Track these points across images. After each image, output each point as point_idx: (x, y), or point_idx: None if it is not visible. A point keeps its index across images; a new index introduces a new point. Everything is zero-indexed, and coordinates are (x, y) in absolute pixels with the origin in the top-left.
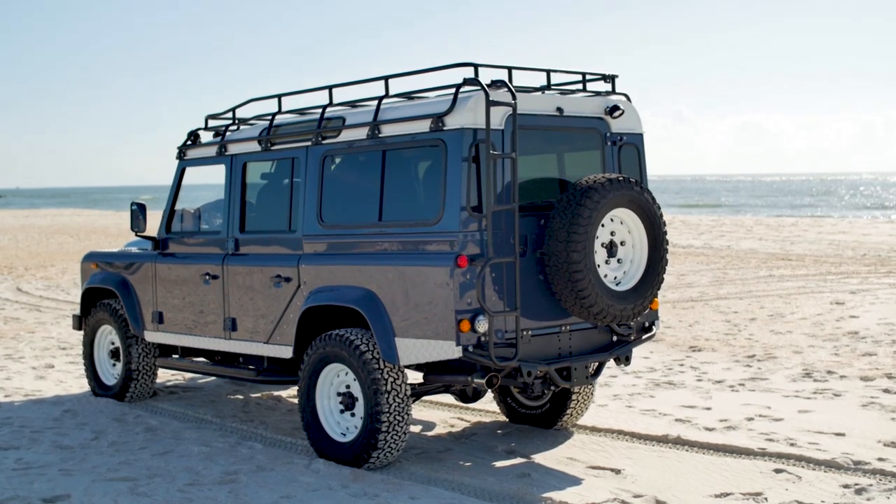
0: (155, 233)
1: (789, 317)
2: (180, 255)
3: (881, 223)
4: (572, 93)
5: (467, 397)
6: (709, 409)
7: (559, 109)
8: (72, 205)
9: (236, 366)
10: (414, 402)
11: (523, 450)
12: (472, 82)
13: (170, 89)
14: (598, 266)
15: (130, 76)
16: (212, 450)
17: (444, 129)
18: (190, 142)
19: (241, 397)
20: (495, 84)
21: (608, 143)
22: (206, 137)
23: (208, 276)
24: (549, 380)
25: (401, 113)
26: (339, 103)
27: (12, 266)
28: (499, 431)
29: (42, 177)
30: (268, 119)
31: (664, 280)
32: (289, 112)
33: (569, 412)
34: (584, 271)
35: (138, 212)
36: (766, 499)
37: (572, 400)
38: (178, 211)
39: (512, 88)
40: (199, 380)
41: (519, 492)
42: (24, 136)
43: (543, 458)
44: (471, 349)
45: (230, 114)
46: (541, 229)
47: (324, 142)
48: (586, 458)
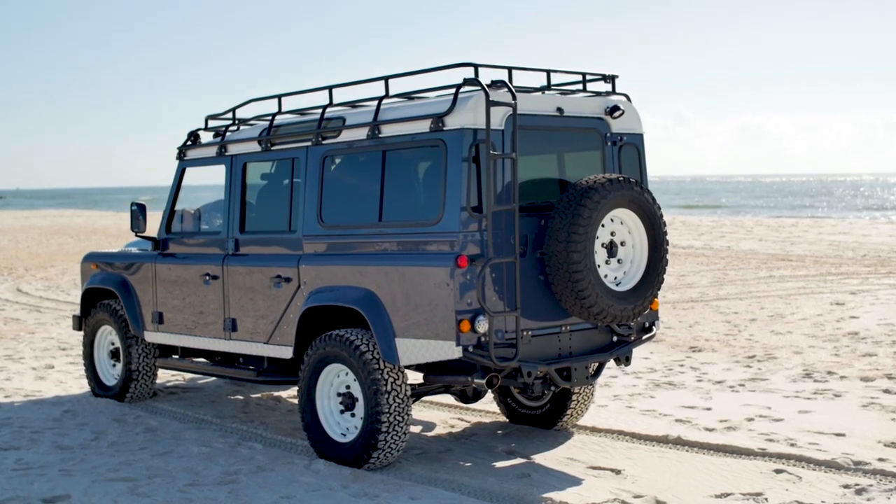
0: (155, 233)
1: (789, 317)
2: (180, 255)
3: (881, 224)
4: (572, 93)
5: (467, 398)
6: (709, 409)
7: (559, 110)
8: (72, 206)
9: (236, 366)
10: (414, 403)
11: (523, 450)
12: (472, 82)
13: (170, 90)
14: (599, 266)
15: (130, 77)
16: (212, 450)
17: (445, 129)
18: (190, 142)
19: (241, 398)
20: (495, 84)
21: (608, 144)
22: (206, 138)
23: (208, 277)
24: (549, 380)
25: (401, 113)
26: (339, 103)
27: (12, 267)
28: (499, 432)
29: (42, 178)
30: (268, 119)
31: (664, 280)
32: (289, 112)
33: (569, 412)
34: (584, 271)
35: (138, 212)
36: (766, 499)
37: (572, 400)
38: (178, 211)
39: (512, 88)
40: (199, 380)
41: (519, 492)
42: (23, 136)
43: (543, 458)
44: (471, 349)
45: (230, 114)
46: (541, 229)
47: (324, 142)
48: (586, 458)
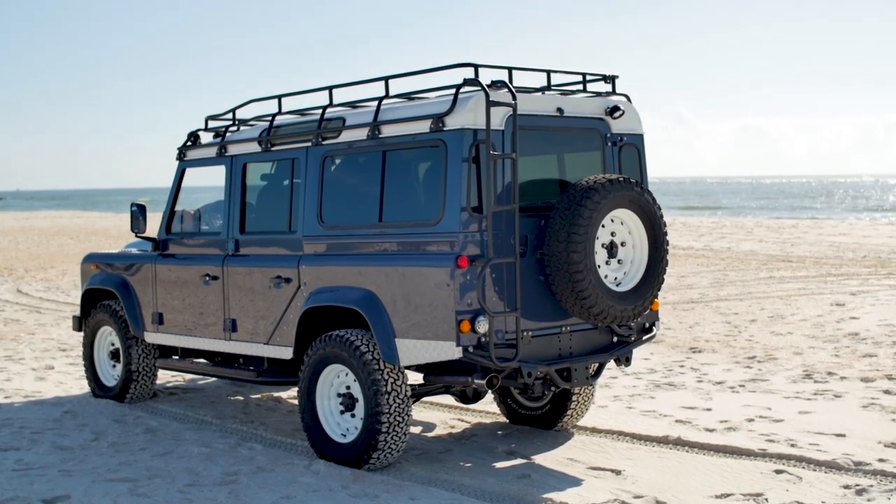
0: (155, 234)
1: (790, 318)
2: (180, 256)
3: (881, 225)
4: (573, 93)
5: (467, 398)
6: (709, 410)
7: (559, 110)
8: (71, 207)
9: (236, 367)
10: (414, 403)
11: (523, 451)
12: (472, 83)
13: (170, 91)
14: (599, 267)
15: (130, 77)
16: (212, 451)
17: (445, 129)
18: (190, 143)
19: (241, 398)
20: (495, 84)
21: (608, 144)
22: (206, 138)
23: (208, 277)
24: (549, 380)
25: (401, 113)
26: (339, 104)
27: (12, 268)
28: (499, 432)
29: (42, 179)
30: (268, 120)
31: (664, 281)
32: (289, 113)
33: (569, 413)
34: (584, 272)
35: (138, 213)
36: (766, 499)
37: (572, 401)
38: (178, 212)
39: (512, 89)
40: (199, 381)
41: (519, 493)
42: (23, 137)
43: (544, 458)
44: (471, 350)
45: (230, 114)
46: (541, 230)
47: (324, 142)
48: (587, 458)
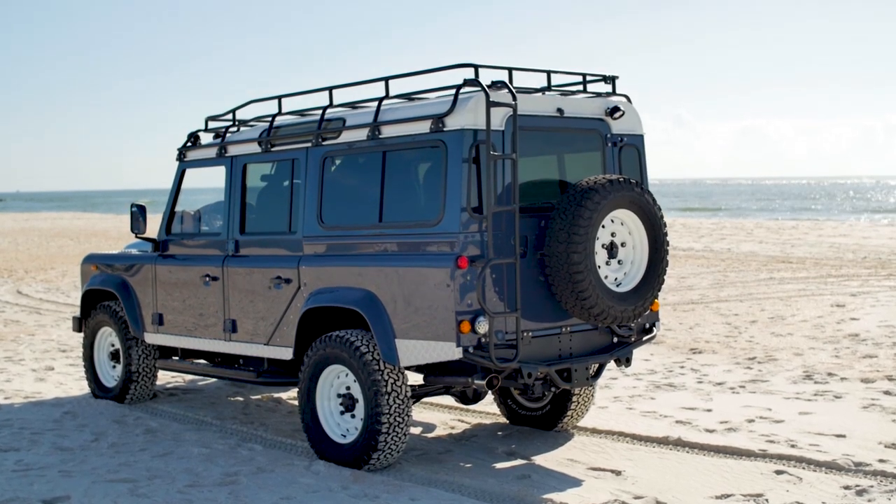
0: (155, 235)
1: (790, 319)
2: (180, 256)
3: (881, 226)
4: (573, 94)
5: (468, 399)
6: (709, 410)
7: (559, 110)
8: (71, 208)
9: (236, 367)
10: (414, 404)
11: (524, 451)
12: (472, 83)
13: (170, 92)
14: (599, 267)
15: (130, 79)
16: (212, 451)
17: (445, 129)
18: (190, 143)
19: (241, 399)
20: (496, 85)
21: (609, 145)
22: (206, 139)
23: (208, 278)
24: (549, 381)
25: (401, 114)
26: (339, 104)
27: (12, 269)
28: (499, 433)
29: (42, 180)
30: (268, 120)
31: (664, 282)
32: (289, 113)
33: (569, 414)
34: (584, 272)
35: (138, 213)
36: (766, 500)
37: (573, 402)
38: (178, 213)
39: (512, 89)
40: (200, 382)
41: (519, 493)
42: (23, 139)
43: (544, 459)
44: (471, 350)
45: (230, 115)
46: (541, 230)
47: (324, 143)
48: (587, 459)
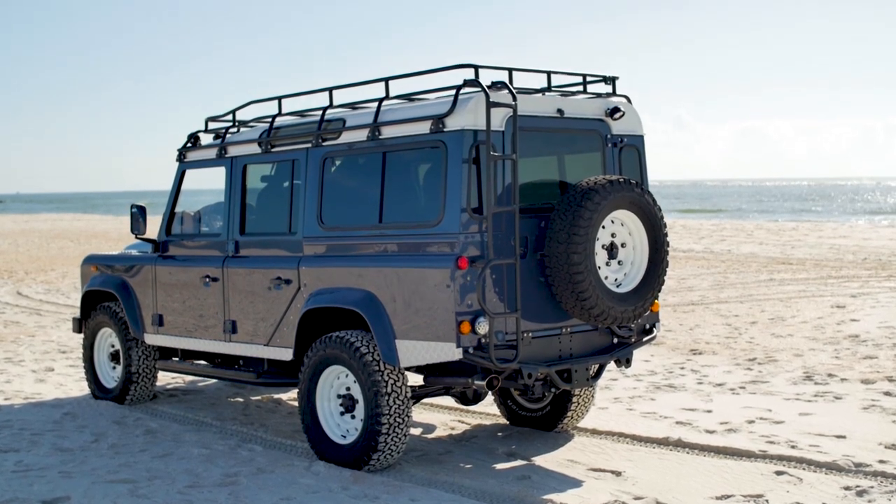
0: (155, 235)
1: (790, 320)
2: (180, 257)
3: (882, 227)
4: (573, 94)
5: (468, 399)
6: (709, 411)
7: (560, 111)
8: (72, 209)
9: (236, 368)
10: (414, 405)
11: (524, 452)
12: (472, 83)
13: (170, 94)
14: (599, 268)
15: (130, 80)
16: (212, 452)
17: (445, 130)
18: (190, 144)
19: (241, 400)
20: (496, 85)
21: (609, 145)
22: (206, 140)
23: (208, 279)
24: (549, 382)
25: (401, 114)
26: (339, 105)
27: (12, 270)
28: (499, 434)
29: (42, 181)
30: (268, 121)
31: (665, 282)
32: (289, 114)
33: (569, 415)
34: (584, 273)
35: (138, 214)
36: (767, 501)
37: (573, 402)
38: (178, 213)
39: (512, 90)
40: (200, 382)
41: (519, 494)
42: (23, 140)
43: (544, 460)
44: (471, 351)
45: (230, 116)
46: (541, 231)
47: (324, 143)
48: (587, 460)
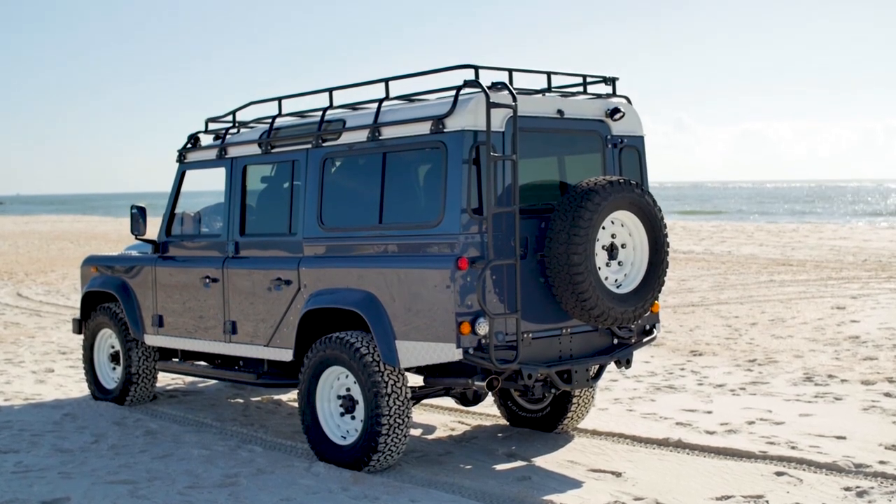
0: (155, 236)
1: (790, 321)
2: (180, 258)
3: (882, 229)
4: (573, 95)
5: (468, 400)
6: (710, 412)
7: (560, 112)
8: (72, 211)
9: (236, 369)
10: (414, 406)
11: (524, 453)
12: (472, 84)
13: (170, 95)
14: (599, 268)
15: (130, 82)
16: (212, 453)
17: (445, 131)
18: (190, 145)
19: (241, 401)
20: (496, 86)
21: (609, 146)
22: (206, 140)
23: (208, 280)
24: (549, 382)
25: (401, 115)
26: (339, 106)
27: (12, 271)
28: (499, 435)
29: (42, 183)
30: (268, 122)
31: (665, 283)
32: (289, 115)
33: (569, 415)
34: (584, 273)
35: (138, 215)
36: (767, 501)
37: (573, 403)
38: (178, 214)
39: (512, 90)
40: (200, 383)
41: (519, 494)
42: (23, 142)
43: (544, 461)
44: (471, 352)
45: (230, 117)
46: (541, 231)
47: (324, 144)
48: (587, 461)
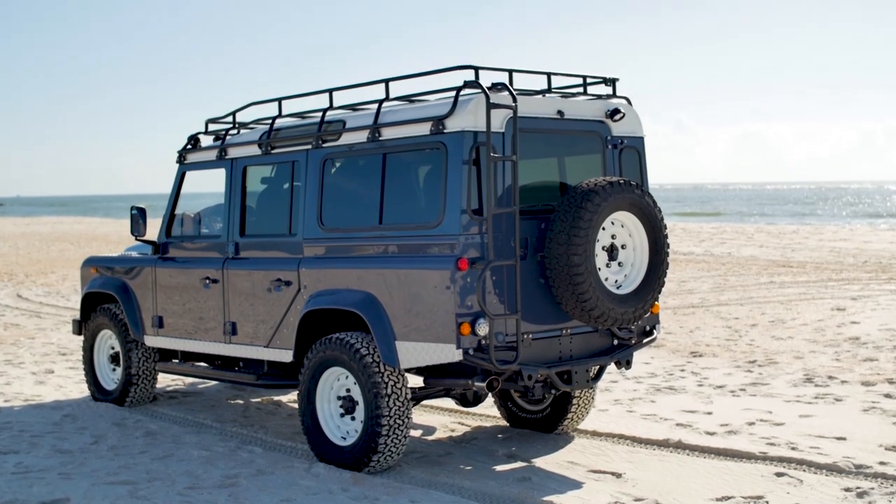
0: (155, 237)
1: (790, 323)
2: (180, 259)
3: (882, 230)
4: (573, 96)
5: (468, 401)
6: (710, 413)
7: (560, 112)
8: (72, 213)
9: (236, 370)
10: (414, 406)
11: (524, 454)
12: (472, 85)
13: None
14: (599, 269)
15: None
16: (212, 454)
17: (445, 131)
18: (190, 146)
19: (241, 402)
20: (496, 87)
21: (609, 147)
22: (206, 141)
23: (208, 281)
24: (549, 383)
25: (401, 116)
26: (339, 106)
27: (13, 273)
28: (499, 435)
29: (42, 185)
30: (268, 123)
31: (665, 284)
32: (289, 115)
33: (569, 416)
34: (584, 274)
35: (138, 216)
36: (767, 502)
37: (573, 404)
38: (178, 215)
39: (512, 91)
40: (200, 384)
41: (520, 495)
42: (24, 144)
43: (544, 461)
44: (471, 352)
45: (230, 118)
46: (541, 232)
47: (324, 145)
48: (587, 461)
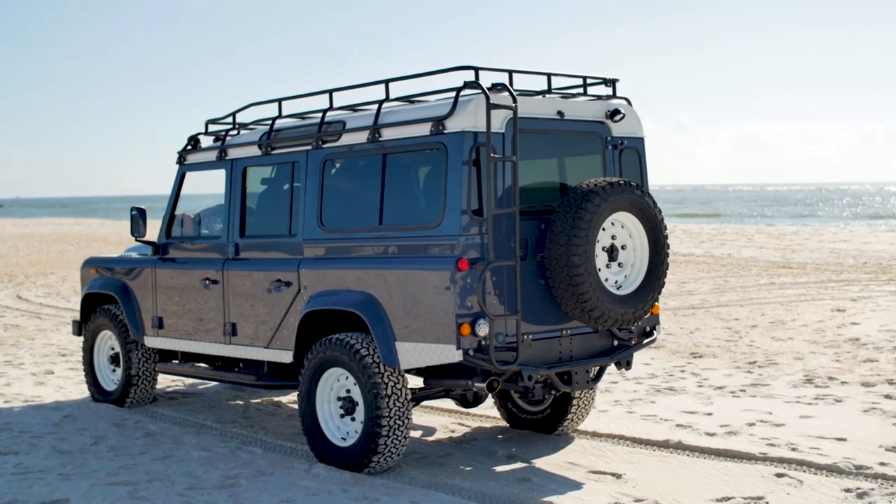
0: (155, 238)
1: (790, 324)
2: (180, 260)
3: (882, 232)
4: (573, 97)
5: (468, 402)
6: (710, 414)
7: (560, 113)
8: (72, 214)
9: (236, 371)
10: (414, 407)
11: (524, 454)
12: (472, 85)
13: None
14: (599, 270)
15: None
16: (212, 455)
17: (445, 132)
18: (190, 147)
19: (241, 402)
20: (496, 87)
21: (609, 147)
22: (206, 142)
23: (208, 281)
24: (549, 384)
25: (401, 116)
26: (339, 107)
27: (13, 274)
28: (499, 436)
29: (42, 186)
30: (268, 123)
31: (665, 285)
32: (289, 116)
33: (569, 417)
34: (584, 275)
35: (138, 217)
36: (767, 503)
37: (573, 405)
38: (178, 216)
39: (512, 92)
40: (200, 385)
41: (520, 496)
42: (24, 145)
43: (544, 462)
44: (471, 353)
45: (230, 118)
46: (542, 233)
47: (324, 146)
48: (587, 462)
